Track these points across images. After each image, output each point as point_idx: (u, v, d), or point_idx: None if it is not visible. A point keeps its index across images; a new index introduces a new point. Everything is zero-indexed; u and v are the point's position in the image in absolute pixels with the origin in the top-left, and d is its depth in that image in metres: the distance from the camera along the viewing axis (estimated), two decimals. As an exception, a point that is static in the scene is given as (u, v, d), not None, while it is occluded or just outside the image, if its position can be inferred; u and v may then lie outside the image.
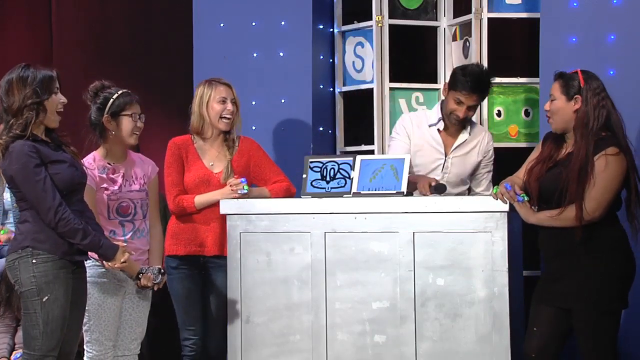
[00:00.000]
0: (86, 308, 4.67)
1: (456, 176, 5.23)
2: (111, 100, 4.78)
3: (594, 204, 4.34)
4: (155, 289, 4.77)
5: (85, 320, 4.69)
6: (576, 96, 4.45)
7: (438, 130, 5.22)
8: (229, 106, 5.14)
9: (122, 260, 4.37)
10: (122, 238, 4.75)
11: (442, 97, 5.26)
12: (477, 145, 5.26)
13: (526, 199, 4.47)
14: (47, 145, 4.32)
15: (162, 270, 4.77)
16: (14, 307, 5.47)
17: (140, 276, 4.71)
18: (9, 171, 4.26)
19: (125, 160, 4.88)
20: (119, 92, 4.82)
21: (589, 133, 4.39)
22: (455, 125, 5.19)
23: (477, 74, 5.09)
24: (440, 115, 5.21)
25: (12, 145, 4.24)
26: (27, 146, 4.22)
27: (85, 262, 4.57)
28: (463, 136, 5.23)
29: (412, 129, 5.23)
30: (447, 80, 5.25)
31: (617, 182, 4.37)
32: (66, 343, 4.34)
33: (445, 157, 5.21)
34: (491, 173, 5.32)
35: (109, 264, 4.43)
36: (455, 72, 5.14)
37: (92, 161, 4.79)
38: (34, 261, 4.26)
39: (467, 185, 5.31)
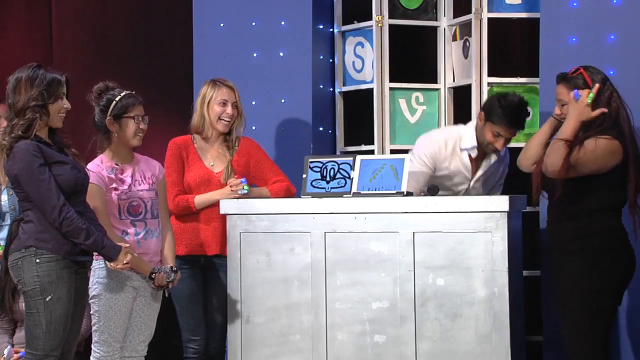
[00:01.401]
0: (97, 309, 4.68)
1: (480, 189, 5.25)
2: (114, 102, 4.76)
3: (565, 163, 4.29)
4: (170, 287, 4.77)
5: (94, 320, 4.70)
6: None
7: (469, 155, 5.17)
8: (229, 109, 5.14)
9: (124, 261, 4.37)
10: (135, 238, 4.74)
11: (478, 123, 5.12)
12: (499, 168, 5.26)
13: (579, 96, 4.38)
14: (50, 147, 4.33)
15: (175, 269, 4.76)
16: (7, 307, 5.46)
17: (153, 276, 4.71)
18: (13, 170, 4.27)
19: (132, 160, 4.87)
20: (122, 94, 4.79)
21: (595, 127, 4.36)
22: (488, 153, 5.16)
23: (517, 108, 5.01)
24: (475, 143, 5.12)
25: (16, 145, 4.25)
26: (31, 146, 4.23)
27: (97, 263, 4.58)
28: (488, 162, 5.19)
29: (443, 157, 5.14)
30: (483, 109, 5.13)
31: (600, 162, 4.30)
32: (66, 343, 4.35)
33: (470, 181, 5.20)
34: (502, 185, 5.34)
35: (112, 264, 4.43)
36: (493, 105, 5.03)
37: (100, 163, 4.77)
38: (37, 260, 4.27)
39: None
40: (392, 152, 5.93)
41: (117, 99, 4.76)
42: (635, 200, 4.41)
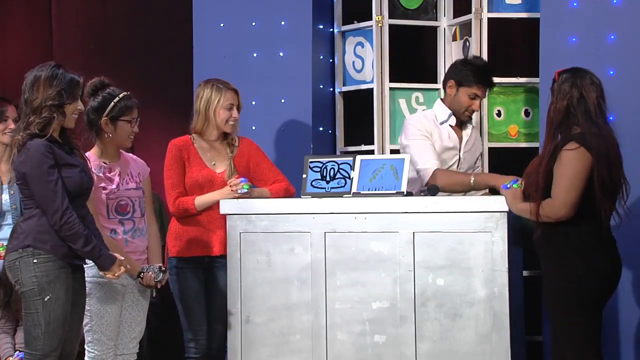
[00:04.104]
0: (88, 308, 4.68)
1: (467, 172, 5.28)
2: (112, 103, 4.75)
3: (554, 201, 4.27)
4: (158, 287, 4.78)
5: (86, 320, 4.70)
6: None
7: (450, 126, 5.24)
8: (235, 113, 5.15)
9: (117, 273, 4.37)
10: (123, 237, 4.75)
11: (448, 94, 5.24)
12: (476, 138, 5.35)
13: (515, 185, 4.45)
14: (62, 148, 4.33)
15: (163, 268, 4.77)
16: (13, 309, 5.47)
17: (141, 275, 4.71)
18: (22, 168, 4.27)
19: (120, 159, 4.88)
20: (121, 96, 4.77)
21: (552, 128, 4.34)
22: (465, 121, 5.27)
23: (486, 66, 5.22)
24: (449, 112, 5.23)
25: (29, 143, 4.25)
26: (44, 146, 4.24)
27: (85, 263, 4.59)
28: (467, 131, 5.29)
29: (430, 129, 5.20)
30: (451, 78, 5.23)
31: (578, 179, 4.25)
32: (67, 343, 4.35)
33: (459, 151, 5.25)
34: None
35: (102, 272, 4.41)
36: (462, 70, 5.19)
37: (88, 161, 4.77)
38: (35, 261, 4.27)
39: None
40: (392, 152, 5.93)
41: (115, 100, 4.75)
42: (603, 197, 4.33)
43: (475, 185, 4.91)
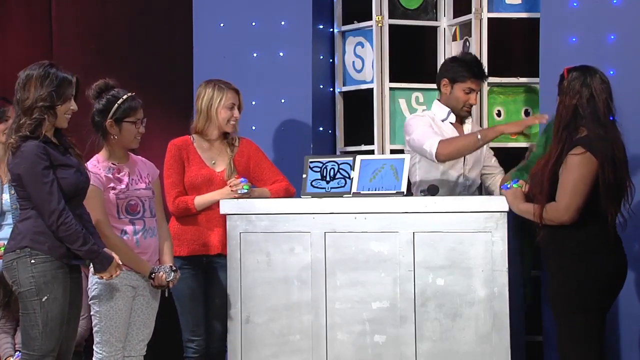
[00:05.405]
0: (97, 309, 4.67)
1: (474, 166, 5.30)
2: (116, 105, 4.74)
3: (558, 205, 4.25)
4: (170, 286, 4.77)
5: (95, 321, 4.69)
6: None
7: (451, 123, 5.27)
8: (236, 113, 5.17)
9: (113, 274, 4.37)
10: (134, 238, 4.73)
11: (443, 92, 5.30)
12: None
13: (515, 185, 4.45)
14: (56, 148, 4.33)
15: (174, 268, 4.76)
16: (13, 309, 5.47)
17: (152, 276, 4.70)
18: (16, 169, 4.27)
19: (128, 160, 4.87)
20: (124, 97, 4.75)
21: (560, 131, 4.33)
22: (464, 116, 5.30)
23: (476, 60, 5.31)
24: (448, 109, 5.28)
25: (24, 145, 4.25)
26: (38, 147, 4.23)
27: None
28: (468, 126, 5.33)
29: (434, 125, 5.23)
30: (444, 77, 5.29)
31: (583, 184, 4.23)
32: (63, 342, 4.34)
33: None
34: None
35: (99, 274, 4.40)
36: (453, 67, 5.26)
37: (97, 163, 4.76)
38: (32, 261, 4.26)
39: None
40: (392, 152, 5.93)
41: (119, 102, 4.74)
42: (608, 201, 4.30)
43: (483, 140, 4.93)
